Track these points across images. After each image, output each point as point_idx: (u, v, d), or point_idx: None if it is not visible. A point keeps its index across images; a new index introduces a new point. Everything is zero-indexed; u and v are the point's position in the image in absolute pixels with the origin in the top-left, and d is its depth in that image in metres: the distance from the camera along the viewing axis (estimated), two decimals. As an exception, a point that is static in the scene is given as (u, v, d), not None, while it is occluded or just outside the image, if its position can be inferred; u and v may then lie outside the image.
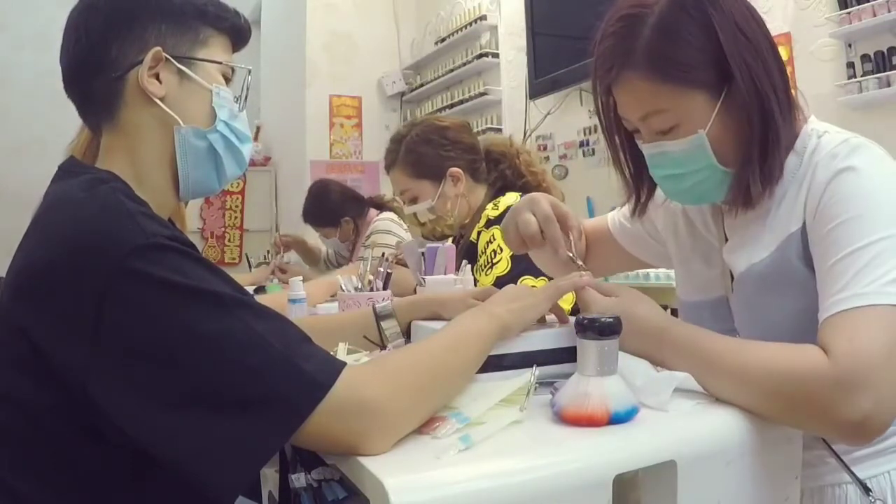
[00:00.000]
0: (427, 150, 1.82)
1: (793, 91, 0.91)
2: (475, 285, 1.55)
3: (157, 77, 0.83)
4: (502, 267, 1.58)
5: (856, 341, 0.72)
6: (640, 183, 1.02)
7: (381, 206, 3.03)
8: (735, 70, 0.84)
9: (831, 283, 0.79)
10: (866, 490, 0.87)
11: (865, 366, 0.70)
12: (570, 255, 0.98)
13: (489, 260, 1.62)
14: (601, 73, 0.91)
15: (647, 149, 0.92)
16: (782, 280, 0.89)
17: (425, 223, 1.87)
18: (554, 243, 0.98)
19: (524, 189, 1.79)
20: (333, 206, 2.99)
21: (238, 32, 0.92)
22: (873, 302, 0.74)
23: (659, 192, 1.02)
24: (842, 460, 0.88)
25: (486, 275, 1.60)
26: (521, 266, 1.56)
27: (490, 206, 1.73)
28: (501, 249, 1.61)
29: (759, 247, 0.91)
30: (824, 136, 0.89)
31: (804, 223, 0.87)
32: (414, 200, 1.86)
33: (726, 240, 0.99)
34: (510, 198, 1.72)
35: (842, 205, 0.81)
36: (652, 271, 2.80)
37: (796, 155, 0.90)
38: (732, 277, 0.97)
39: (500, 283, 1.54)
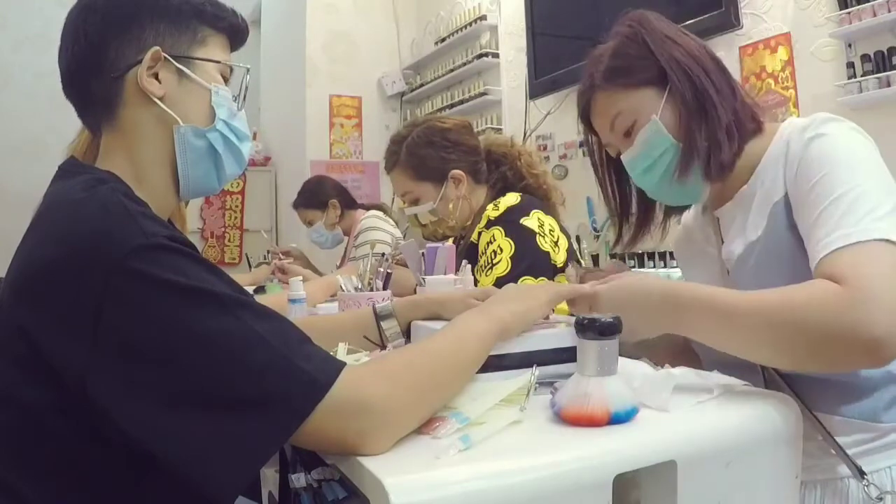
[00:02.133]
0: (429, 153, 1.80)
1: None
2: (475, 285, 1.55)
3: (156, 77, 0.83)
4: (502, 268, 1.57)
5: (859, 268, 0.76)
6: (623, 216, 1.14)
7: (371, 208, 3.06)
8: (664, 63, 1.00)
9: (819, 230, 0.84)
10: (861, 473, 0.88)
11: (877, 286, 0.74)
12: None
13: (489, 260, 1.61)
14: (579, 109, 1.10)
15: (623, 158, 1.05)
16: (777, 252, 0.93)
17: (426, 225, 1.86)
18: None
19: (525, 190, 1.78)
20: (323, 191, 3.08)
21: (236, 32, 0.92)
22: (864, 238, 0.79)
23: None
24: (841, 448, 0.89)
25: (486, 275, 1.60)
26: (522, 267, 1.55)
27: (490, 206, 1.72)
28: (501, 250, 1.60)
29: (752, 226, 0.97)
30: (799, 121, 0.98)
31: (786, 192, 0.93)
32: (415, 202, 1.84)
33: (723, 242, 1.04)
34: (510, 198, 1.71)
35: (817, 164, 0.89)
36: (652, 271, 2.80)
37: (775, 143, 0.98)
38: (729, 273, 1.02)
39: (499, 283, 1.54)
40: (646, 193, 1.09)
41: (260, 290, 2.36)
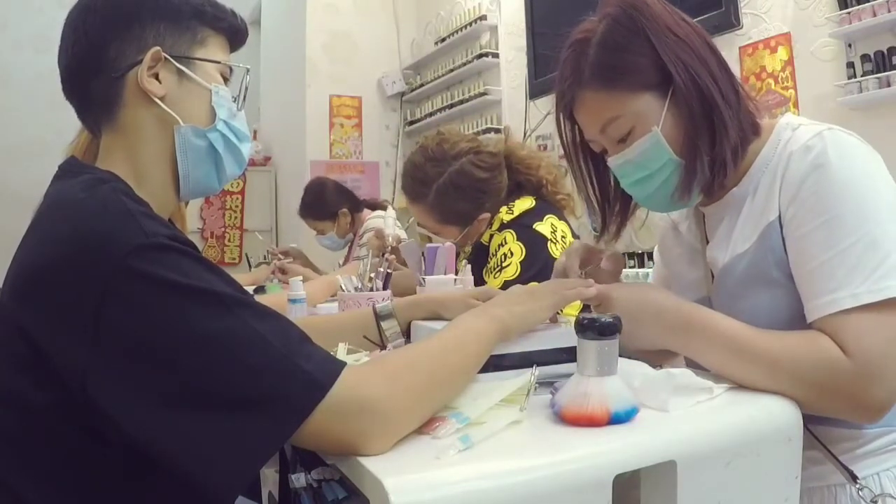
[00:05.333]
0: (461, 205, 1.68)
1: (763, 92, 0.93)
2: (474, 285, 1.54)
3: (156, 77, 0.83)
4: (511, 271, 1.56)
5: (865, 339, 0.78)
6: (607, 209, 1.06)
7: (375, 206, 3.06)
8: (670, 66, 0.89)
9: (824, 281, 0.82)
10: (853, 478, 0.88)
11: (881, 363, 0.78)
12: (581, 275, 0.99)
13: (499, 263, 1.60)
14: (560, 99, 0.97)
15: (612, 161, 0.96)
16: (766, 268, 0.90)
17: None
18: (567, 269, 1.00)
19: (539, 197, 1.74)
20: (331, 200, 3.04)
21: (236, 33, 0.92)
22: (871, 300, 0.79)
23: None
24: (833, 454, 0.89)
25: (495, 277, 1.58)
26: (531, 272, 1.53)
27: (504, 209, 1.69)
28: (512, 254, 1.59)
29: (740, 238, 0.94)
30: (799, 128, 0.91)
31: (780, 214, 0.89)
32: (434, 232, 1.77)
33: (708, 241, 1.01)
34: (525, 202, 1.69)
35: (822, 204, 0.84)
36: (650, 272, 2.80)
37: (769, 147, 0.93)
38: (713, 277, 0.99)
39: (506, 287, 1.51)
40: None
41: (260, 290, 2.36)
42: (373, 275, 1.49)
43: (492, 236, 1.69)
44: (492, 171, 1.70)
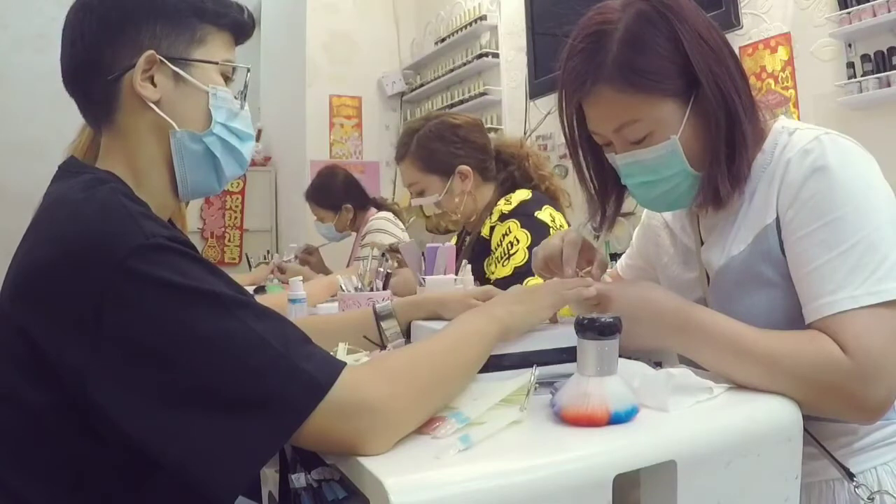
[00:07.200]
0: (438, 147, 1.84)
1: (757, 94, 0.92)
2: (487, 278, 1.57)
3: (151, 80, 0.82)
4: (520, 258, 1.61)
5: (864, 339, 0.78)
6: (605, 198, 1.04)
7: (381, 206, 3.04)
8: (701, 76, 0.87)
9: (824, 282, 0.82)
10: (850, 475, 0.88)
11: (878, 362, 0.78)
12: (578, 272, 0.98)
13: (506, 252, 1.65)
14: (571, 89, 0.93)
15: (620, 159, 0.93)
16: (761, 269, 0.90)
17: (430, 216, 1.90)
18: (566, 261, 0.98)
19: (533, 189, 1.82)
20: (336, 192, 3.02)
21: (239, 27, 0.90)
22: (870, 302, 0.79)
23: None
24: (828, 452, 0.89)
25: (504, 266, 1.64)
26: None
27: (503, 201, 1.75)
28: (518, 241, 1.64)
29: (736, 240, 0.94)
30: (795, 133, 0.91)
31: (777, 217, 0.89)
32: (421, 193, 1.88)
33: (702, 242, 1.01)
34: (522, 193, 1.75)
35: (821, 207, 0.84)
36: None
37: (766, 152, 0.93)
38: (709, 279, 0.99)
39: (518, 273, 1.59)
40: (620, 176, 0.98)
41: (260, 290, 2.36)
42: (373, 275, 1.50)
43: (492, 228, 1.74)
44: (467, 122, 1.89)
